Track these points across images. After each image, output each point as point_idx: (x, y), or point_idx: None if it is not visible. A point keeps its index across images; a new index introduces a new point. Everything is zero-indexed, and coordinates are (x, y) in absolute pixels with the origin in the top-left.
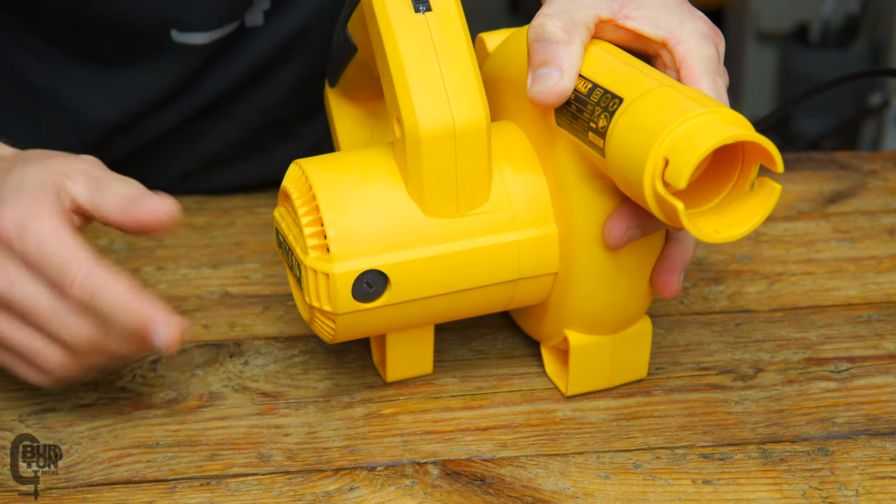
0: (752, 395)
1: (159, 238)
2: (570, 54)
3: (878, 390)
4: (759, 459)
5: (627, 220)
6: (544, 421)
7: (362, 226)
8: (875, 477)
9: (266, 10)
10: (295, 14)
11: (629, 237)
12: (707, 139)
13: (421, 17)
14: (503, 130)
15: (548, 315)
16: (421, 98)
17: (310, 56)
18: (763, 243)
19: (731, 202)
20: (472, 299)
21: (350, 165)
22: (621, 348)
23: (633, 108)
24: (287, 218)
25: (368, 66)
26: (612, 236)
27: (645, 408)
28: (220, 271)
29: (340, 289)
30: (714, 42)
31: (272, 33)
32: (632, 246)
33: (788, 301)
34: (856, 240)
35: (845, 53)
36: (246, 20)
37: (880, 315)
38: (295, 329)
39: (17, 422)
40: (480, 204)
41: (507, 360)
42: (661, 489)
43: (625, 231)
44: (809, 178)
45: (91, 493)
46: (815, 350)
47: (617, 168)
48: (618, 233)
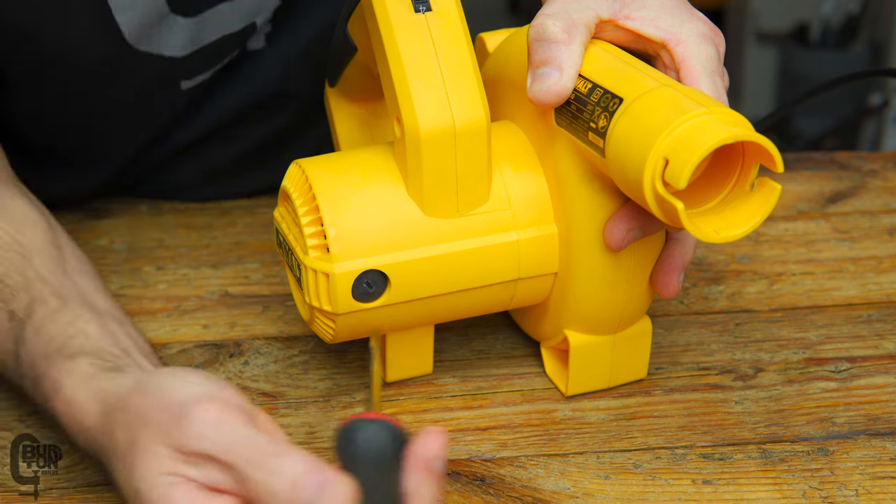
0: (752, 395)
1: (159, 238)
2: (570, 54)
3: (878, 390)
4: (759, 459)
5: (628, 222)
6: (544, 421)
7: (362, 226)
8: (875, 477)
9: (268, 32)
10: (296, 34)
11: (630, 239)
12: (707, 139)
13: (421, 17)
14: (503, 130)
15: (548, 315)
16: (421, 98)
17: (312, 74)
18: (763, 243)
19: (731, 202)
20: (472, 299)
21: (350, 165)
22: (621, 348)
23: (633, 108)
24: (287, 218)
25: (368, 66)
26: (612, 238)
27: (645, 408)
28: (220, 271)
29: (340, 289)
30: (714, 43)
31: (275, 55)
32: (632, 246)
33: (788, 301)
34: (856, 240)
35: (845, 53)
36: (248, 45)
37: (880, 315)
38: (295, 329)
39: (17, 422)
40: (480, 204)
41: (507, 360)
42: (661, 489)
43: (626, 233)
44: (809, 178)
45: (91, 493)
46: (815, 350)
47: (617, 168)
48: (619, 234)
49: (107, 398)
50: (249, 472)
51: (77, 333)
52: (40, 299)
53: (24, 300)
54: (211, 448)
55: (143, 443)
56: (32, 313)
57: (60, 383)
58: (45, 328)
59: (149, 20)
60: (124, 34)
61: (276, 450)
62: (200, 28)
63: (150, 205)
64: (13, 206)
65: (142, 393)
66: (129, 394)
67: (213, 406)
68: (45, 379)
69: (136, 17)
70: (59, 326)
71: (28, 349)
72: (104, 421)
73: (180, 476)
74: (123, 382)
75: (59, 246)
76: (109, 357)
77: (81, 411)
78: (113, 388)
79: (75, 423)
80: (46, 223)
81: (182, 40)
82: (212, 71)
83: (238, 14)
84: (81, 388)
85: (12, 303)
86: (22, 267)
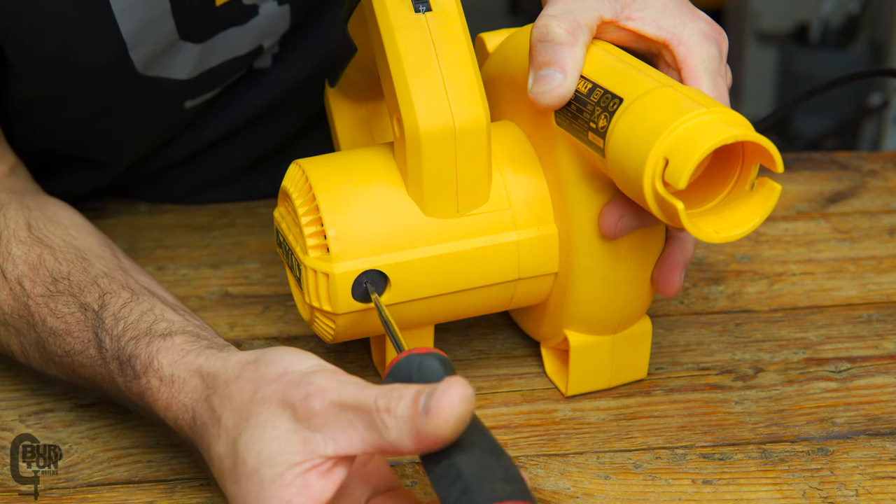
0: (752, 395)
1: (159, 238)
2: (573, 56)
3: (878, 390)
4: (759, 459)
5: (621, 209)
6: (544, 421)
7: (362, 226)
8: (875, 477)
9: (275, 53)
10: (302, 54)
11: (623, 226)
12: (707, 139)
13: (421, 17)
14: (503, 130)
15: (548, 315)
16: (421, 98)
17: (316, 92)
18: (763, 243)
19: (731, 202)
20: (472, 299)
21: (350, 165)
22: (621, 348)
23: (633, 109)
24: (287, 218)
25: (368, 66)
26: (606, 224)
27: (645, 408)
28: (220, 271)
29: (340, 289)
30: (717, 42)
31: (281, 74)
32: (632, 246)
33: (788, 301)
34: (856, 240)
35: (845, 53)
36: (254, 64)
37: (880, 315)
38: (295, 329)
39: (17, 422)
40: (480, 204)
41: (507, 360)
42: (661, 489)
43: (619, 219)
44: (809, 178)
45: (91, 493)
46: (815, 350)
47: (617, 168)
48: (612, 220)
49: (211, 372)
50: (380, 402)
51: (160, 318)
52: (110, 292)
53: (94, 293)
54: (336, 398)
55: (263, 412)
56: (106, 304)
57: (157, 361)
58: (125, 316)
59: (160, 49)
60: (136, 66)
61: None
62: (209, 52)
63: (150, 205)
64: (60, 213)
65: (263, 363)
66: (244, 367)
67: (333, 374)
68: (135, 359)
69: (148, 50)
70: (138, 314)
71: (111, 335)
72: (207, 395)
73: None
74: (232, 358)
75: (110, 246)
76: (203, 337)
77: (180, 387)
78: (217, 364)
79: (172, 398)
80: (93, 227)
81: (190, 65)
82: (217, 89)
83: (246, 38)
84: (180, 365)
85: (82, 296)
86: (84, 266)
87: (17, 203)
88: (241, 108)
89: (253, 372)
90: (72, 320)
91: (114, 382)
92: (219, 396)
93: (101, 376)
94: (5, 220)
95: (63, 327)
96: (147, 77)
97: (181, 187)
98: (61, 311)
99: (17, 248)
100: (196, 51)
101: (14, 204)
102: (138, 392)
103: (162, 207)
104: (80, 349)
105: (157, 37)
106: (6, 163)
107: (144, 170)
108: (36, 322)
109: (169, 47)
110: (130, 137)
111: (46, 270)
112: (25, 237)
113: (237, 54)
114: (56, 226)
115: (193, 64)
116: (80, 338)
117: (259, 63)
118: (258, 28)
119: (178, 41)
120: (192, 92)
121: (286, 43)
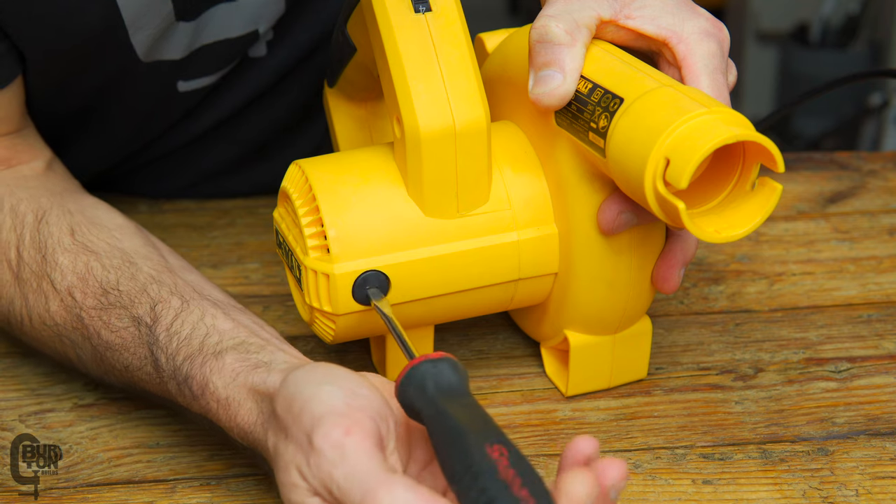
0: (752, 395)
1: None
2: (572, 57)
3: (878, 390)
4: (759, 459)
5: (620, 204)
6: (544, 421)
7: (362, 226)
8: (875, 477)
9: (269, 40)
10: (297, 41)
11: (622, 221)
12: (708, 139)
13: (421, 17)
14: (503, 130)
15: (548, 315)
16: (421, 98)
17: (311, 79)
18: (763, 243)
19: (731, 202)
20: (473, 299)
21: (350, 166)
22: (621, 348)
23: (633, 109)
24: (287, 218)
25: (368, 66)
26: (605, 219)
27: (645, 408)
28: (220, 271)
29: (341, 289)
30: (717, 39)
31: (275, 62)
32: (632, 246)
33: (788, 301)
34: (856, 240)
35: (845, 53)
36: (249, 52)
37: (880, 315)
38: (295, 329)
39: (17, 422)
40: (480, 204)
41: (507, 360)
42: (661, 489)
43: (617, 214)
44: (809, 178)
45: (91, 493)
46: (815, 350)
47: (618, 168)
48: (610, 216)
49: (260, 396)
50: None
51: (211, 331)
52: (161, 301)
53: (145, 304)
54: (329, 482)
55: (285, 455)
56: (158, 317)
57: (212, 384)
58: (177, 331)
59: (159, 33)
60: (137, 52)
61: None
62: (200, 29)
63: (150, 205)
64: (103, 215)
65: (283, 399)
66: (276, 396)
67: (337, 429)
68: (191, 380)
69: (149, 34)
70: (189, 327)
71: (166, 353)
72: (261, 420)
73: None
74: (270, 380)
75: (155, 246)
76: (253, 349)
77: (236, 409)
78: (263, 387)
79: (231, 420)
80: (135, 226)
81: (183, 42)
82: (214, 77)
83: (238, 17)
84: (233, 386)
85: (134, 308)
86: (132, 272)
87: (58, 207)
88: (236, 96)
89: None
90: (126, 335)
91: (175, 400)
92: (266, 422)
93: (164, 392)
94: (48, 227)
95: (119, 342)
96: (147, 63)
97: (180, 179)
98: (115, 325)
99: (63, 258)
100: (189, 29)
101: (56, 209)
102: (199, 412)
103: (162, 207)
104: (138, 365)
105: (156, 20)
106: (43, 158)
107: (143, 158)
108: (91, 335)
109: (167, 30)
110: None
111: (95, 280)
112: (70, 244)
113: (229, 35)
114: (99, 229)
115: (187, 41)
116: (136, 354)
117: (254, 51)
118: (250, 6)
119: (174, 22)
120: (184, 72)
121: (280, 30)
